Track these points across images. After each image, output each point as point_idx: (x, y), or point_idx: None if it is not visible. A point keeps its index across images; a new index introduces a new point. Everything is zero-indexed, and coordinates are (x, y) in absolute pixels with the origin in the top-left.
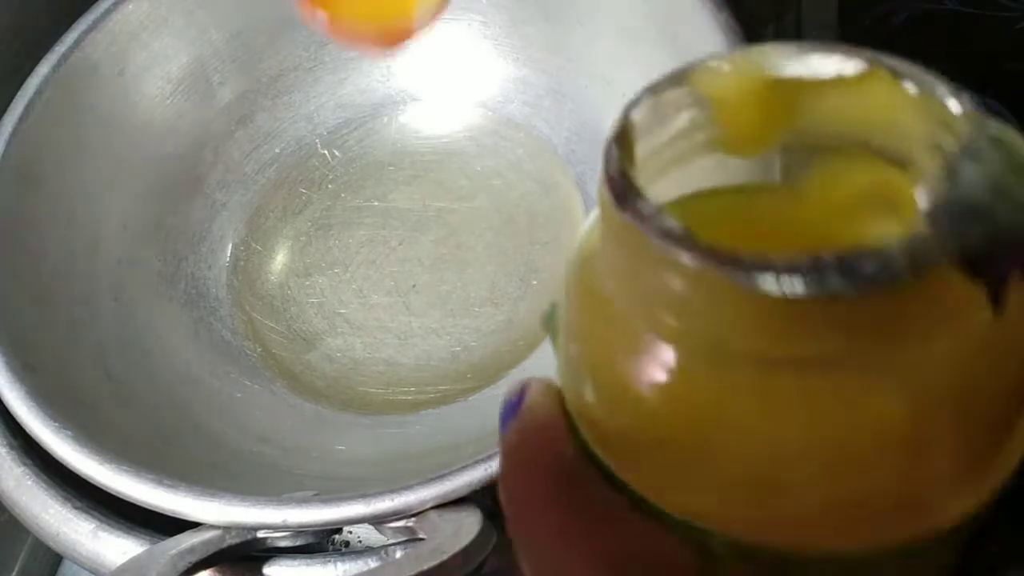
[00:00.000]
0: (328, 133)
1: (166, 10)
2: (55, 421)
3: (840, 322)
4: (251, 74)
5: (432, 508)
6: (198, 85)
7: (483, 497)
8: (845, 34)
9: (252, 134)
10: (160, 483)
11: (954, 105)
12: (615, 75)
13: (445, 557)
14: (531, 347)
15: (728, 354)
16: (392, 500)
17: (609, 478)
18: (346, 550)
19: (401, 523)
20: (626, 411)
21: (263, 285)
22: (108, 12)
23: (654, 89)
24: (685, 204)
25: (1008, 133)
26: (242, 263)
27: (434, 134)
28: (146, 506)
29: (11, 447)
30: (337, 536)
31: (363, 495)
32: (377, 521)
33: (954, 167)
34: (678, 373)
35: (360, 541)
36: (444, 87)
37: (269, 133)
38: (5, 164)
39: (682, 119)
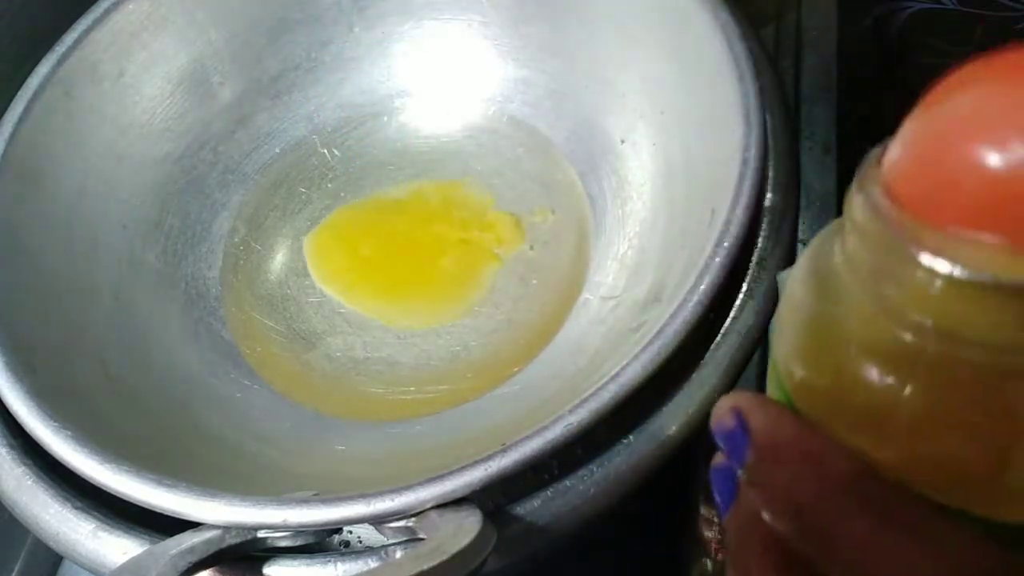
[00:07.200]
0: (328, 132)
1: (166, 10)
2: (55, 421)
3: None
4: (251, 74)
5: (432, 508)
6: (198, 85)
7: (483, 497)
8: (845, 34)
9: (252, 134)
10: (160, 483)
11: None
12: (615, 75)
13: (445, 557)
14: (531, 347)
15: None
16: (392, 500)
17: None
18: (346, 550)
19: (401, 523)
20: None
21: (263, 285)
22: (108, 12)
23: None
24: None
25: None
26: (242, 263)
27: (434, 133)
28: (146, 506)
29: (11, 447)
30: (337, 536)
31: (363, 495)
32: (377, 521)
33: None
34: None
35: (360, 541)
36: (444, 86)
37: (269, 133)
38: (5, 164)
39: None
